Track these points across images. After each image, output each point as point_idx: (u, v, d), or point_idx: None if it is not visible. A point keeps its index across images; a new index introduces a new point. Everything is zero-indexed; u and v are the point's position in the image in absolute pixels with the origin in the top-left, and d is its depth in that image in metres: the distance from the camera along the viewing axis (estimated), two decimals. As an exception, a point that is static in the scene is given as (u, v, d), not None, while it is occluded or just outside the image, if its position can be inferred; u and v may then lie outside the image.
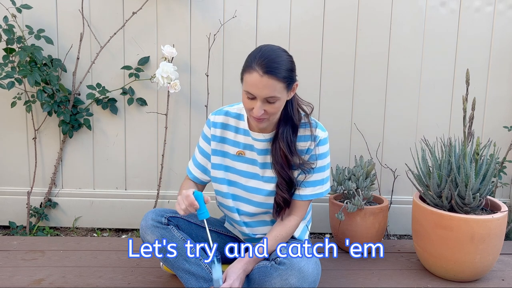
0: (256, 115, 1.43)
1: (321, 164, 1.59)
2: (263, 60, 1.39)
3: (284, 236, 1.57)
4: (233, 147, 1.62)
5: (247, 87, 1.42)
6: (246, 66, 1.44)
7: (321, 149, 1.58)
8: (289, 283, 1.40)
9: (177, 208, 1.44)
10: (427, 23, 2.28)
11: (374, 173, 2.16)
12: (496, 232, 1.76)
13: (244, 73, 1.44)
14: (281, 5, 2.25)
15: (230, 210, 1.65)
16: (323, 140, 1.58)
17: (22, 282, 1.75)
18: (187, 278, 1.53)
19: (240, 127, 1.61)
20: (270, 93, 1.40)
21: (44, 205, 2.36)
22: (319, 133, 1.58)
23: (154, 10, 2.26)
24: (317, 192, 1.60)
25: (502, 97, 2.36)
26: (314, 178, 1.59)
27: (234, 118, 1.62)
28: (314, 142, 1.56)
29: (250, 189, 1.61)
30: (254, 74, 1.39)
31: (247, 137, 1.59)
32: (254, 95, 1.41)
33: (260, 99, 1.41)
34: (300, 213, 1.61)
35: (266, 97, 1.41)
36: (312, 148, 1.57)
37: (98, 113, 2.34)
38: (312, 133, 1.56)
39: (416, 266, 1.97)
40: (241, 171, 1.62)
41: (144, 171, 2.38)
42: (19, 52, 2.10)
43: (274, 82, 1.39)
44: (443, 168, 1.85)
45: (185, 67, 2.29)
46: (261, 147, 1.58)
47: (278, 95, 1.42)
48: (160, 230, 1.54)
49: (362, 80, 2.32)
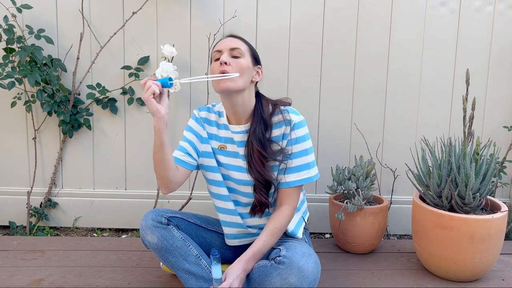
0: (223, 59, 1.50)
1: (301, 148, 1.57)
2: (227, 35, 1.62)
3: (279, 228, 1.56)
4: (216, 141, 1.65)
5: (214, 49, 1.57)
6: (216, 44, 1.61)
7: (297, 133, 1.57)
8: (288, 282, 1.40)
9: (148, 95, 1.45)
10: (427, 23, 2.28)
11: (374, 173, 2.16)
12: (496, 232, 1.76)
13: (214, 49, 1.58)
14: (281, 5, 2.26)
15: (224, 200, 1.65)
16: (297, 123, 1.57)
17: (22, 282, 1.75)
18: (187, 278, 1.53)
19: (220, 123, 1.65)
20: (234, 44, 1.55)
21: (44, 205, 2.36)
22: (293, 117, 1.58)
23: (154, 10, 2.26)
24: (304, 177, 1.58)
25: (502, 97, 2.36)
26: (297, 163, 1.57)
27: (215, 115, 1.67)
28: (288, 126, 1.56)
29: (239, 182, 1.62)
30: (220, 41, 1.59)
31: (227, 131, 1.63)
32: (221, 49, 1.54)
33: (226, 51, 1.53)
34: (291, 201, 1.59)
35: (231, 47, 1.53)
36: (287, 133, 1.56)
37: (98, 113, 2.34)
38: (285, 118, 1.57)
39: (416, 266, 1.97)
40: (227, 164, 1.63)
41: (144, 171, 2.38)
42: (19, 52, 2.10)
43: (239, 41, 1.57)
44: (443, 168, 1.85)
45: (185, 67, 2.29)
46: (239, 139, 1.60)
47: (243, 49, 1.55)
48: (160, 230, 1.54)
49: (362, 80, 2.32)
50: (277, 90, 2.28)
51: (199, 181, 2.36)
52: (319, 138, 2.33)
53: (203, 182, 2.37)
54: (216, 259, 1.44)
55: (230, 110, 1.60)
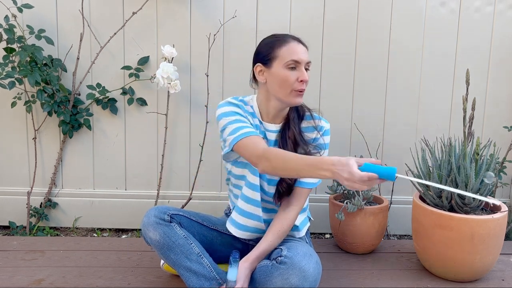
0: (306, 78, 1.50)
1: (325, 154, 1.65)
2: (290, 35, 1.56)
3: (286, 229, 1.59)
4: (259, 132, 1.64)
5: (290, 56, 1.50)
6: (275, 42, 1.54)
7: (325, 139, 1.65)
8: (290, 283, 1.40)
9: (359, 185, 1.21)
10: (427, 23, 2.28)
11: (374, 173, 2.16)
12: (496, 232, 1.76)
13: (276, 49, 1.52)
14: (281, 5, 2.26)
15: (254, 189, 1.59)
16: (327, 130, 1.66)
17: (22, 282, 1.75)
18: (188, 276, 1.53)
19: (254, 117, 1.64)
20: (308, 57, 1.54)
21: (44, 205, 2.36)
22: (323, 124, 1.66)
23: (154, 10, 2.26)
24: (316, 181, 1.65)
25: (502, 97, 2.36)
26: None
27: (248, 106, 1.65)
28: (320, 132, 1.63)
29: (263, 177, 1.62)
30: (292, 43, 1.53)
31: (262, 126, 1.63)
32: (300, 61, 1.51)
33: (303, 64, 1.52)
34: (300, 203, 1.62)
35: (307, 62, 1.53)
36: (318, 137, 1.64)
37: (98, 113, 2.34)
38: (317, 124, 1.64)
39: (416, 266, 1.97)
40: None
41: (144, 171, 2.38)
42: (19, 52, 2.10)
43: (306, 50, 1.56)
44: (443, 168, 1.85)
45: (185, 67, 2.29)
46: (272, 137, 1.62)
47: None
48: (162, 227, 1.53)
49: (362, 80, 2.32)
50: (277, 90, 2.28)
51: (199, 181, 2.36)
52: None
53: (203, 182, 2.38)
54: (236, 261, 1.47)
55: (271, 112, 1.60)
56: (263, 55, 1.56)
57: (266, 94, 1.59)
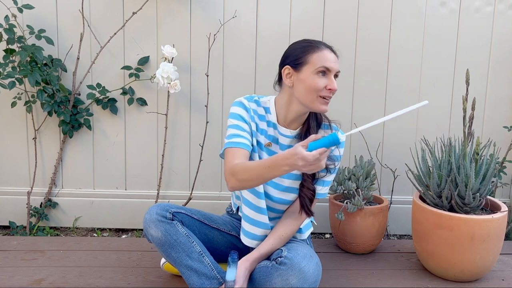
0: (334, 87, 1.50)
1: (338, 166, 1.65)
2: (323, 43, 1.55)
3: (289, 234, 1.58)
4: (265, 138, 1.61)
5: (321, 62, 1.49)
6: (308, 48, 1.52)
7: (341, 151, 1.64)
8: (289, 284, 1.40)
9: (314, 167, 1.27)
10: (427, 23, 2.28)
11: (374, 173, 2.16)
12: (496, 232, 1.76)
13: (308, 54, 1.51)
14: (281, 5, 2.26)
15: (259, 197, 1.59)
16: (343, 142, 1.62)
17: (22, 282, 1.75)
18: (189, 275, 1.53)
19: (269, 120, 1.61)
20: (338, 68, 1.53)
21: (44, 205, 2.36)
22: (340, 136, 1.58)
23: (154, 10, 2.26)
24: (326, 192, 1.66)
25: (502, 97, 2.36)
26: (330, 178, 1.63)
27: (263, 109, 1.62)
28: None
29: (271, 183, 1.62)
30: (325, 50, 1.52)
31: (275, 130, 1.61)
32: (330, 68, 1.50)
33: (333, 73, 1.51)
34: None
35: (337, 71, 1.52)
36: (333, 148, 1.61)
37: (98, 113, 2.34)
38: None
39: (416, 266, 1.97)
40: None
41: (144, 171, 2.38)
42: (19, 52, 2.10)
43: (337, 59, 1.54)
44: (443, 168, 1.85)
45: (185, 67, 2.29)
46: (286, 142, 1.61)
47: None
48: (164, 225, 1.53)
49: (362, 79, 2.32)
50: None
51: (199, 181, 2.36)
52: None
53: (203, 182, 2.38)
54: (235, 261, 1.46)
55: (290, 116, 1.58)
56: (294, 59, 1.53)
57: (289, 98, 1.56)
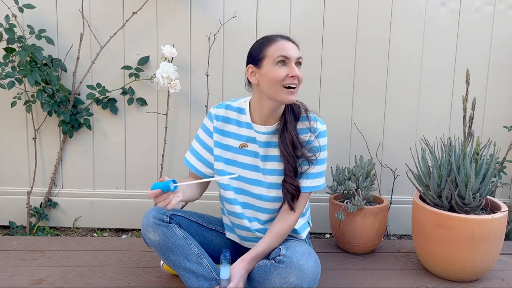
0: (296, 73, 1.49)
1: (322, 157, 1.61)
2: (279, 35, 1.55)
3: (285, 232, 1.58)
4: (236, 140, 1.62)
5: (278, 52, 1.49)
6: (265, 43, 1.53)
7: (321, 141, 1.60)
8: (288, 282, 1.40)
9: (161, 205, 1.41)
10: (427, 23, 2.28)
11: (374, 173, 2.16)
12: (496, 232, 1.76)
13: (266, 48, 1.52)
14: (281, 5, 2.26)
15: (230, 203, 1.64)
16: (322, 132, 1.61)
17: (22, 282, 1.75)
18: (188, 277, 1.53)
19: (242, 121, 1.62)
20: (299, 53, 1.52)
21: (44, 205, 2.36)
22: (319, 126, 1.60)
23: (154, 10, 2.26)
24: (316, 184, 1.61)
25: (502, 97, 2.36)
26: (315, 170, 1.60)
27: (235, 112, 1.63)
28: (314, 134, 1.59)
29: (252, 181, 1.62)
30: (281, 41, 1.51)
31: (250, 130, 1.61)
32: (289, 56, 1.49)
33: (293, 60, 1.50)
34: (299, 207, 1.60)
35: (297, 57, 1.51)
36: (312, 139, 1.59)
37: (98, 113, 2.34)
38: (312, 126, 1.59)
39: (416, 266, 1.97)
40: (244, 163, 1.62)
41: (144, 171, 2.38)
42: (19, 52, 2.10)
43: (297, 48, 1.54)
44: (443, 168, 1.85)
45: (185, 67, 2.29)
46: (264, 139, 1.59)
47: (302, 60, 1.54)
48: (162, 228, 1.53)
49: (362, 79, 2.32)
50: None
51: (199, 181, 2.36)
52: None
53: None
54: (226, 259, 1.46)
55: (264, 112, 1.57)
56: (254, 56, 1.54)
57: (259, 95, 1.56)
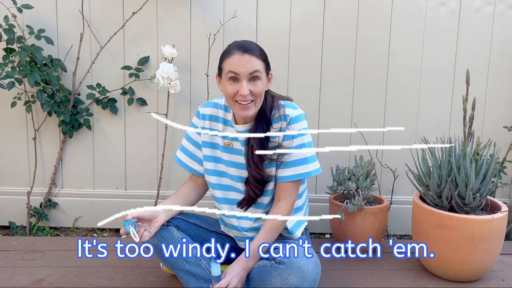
0: (243, 93, 1.45)
1: (298, 142, 1.55)
2: (239, 45, 1.49)
3: (278, 224, 1.56)
4: (222, 139, 1.63)
5: (228, 67, 1.47)
6: (224, 54, 1.51)
7: (294, 127, 1.55)
8: (289, 282, 1.40)
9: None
10: (427, 23, 2.28)
11: (374, 173, 2.16)
12: (496, 232, 1.76)
13: (223, 61, 1.50)
14: (281, 5, 2.26)
15: (219, 202, 1.66)
16: (294, 118, 1.55)
17: (22, 282, 1.75)
18: (187, 279, 1.53)
19: (227, 119, 1.63)
20: (252, 67, 1.46)
21: (44, 205, 2.36)
22: (289, 112, 1.56)
23: (154, 10, 2.26)
24: (301, 172, 1.56)
25: (502, 97, 2.36)
26: (293, 157, 1.56)
27: (222, 110, 1.64)
28: (284, 121, 1.55)
29: (236, 178, 1.62)
30: (235, 55, 1.46)
31: (233, 129, 1.61)
32: (238, 73, 1.46)
33: (245, 77, 1.46)
34: (289, 196, 1.58)
35: (250, 72, 1.46)
36: (284, 128, 1.55)
37: (98, 113, 2.34)
38: (281, 113, 1.56)
39: (416, 266, 1.97)
40: (229, 161, 1.63)
41: (144, 171, 2.38)
42: (19, 52, 2.10)
43: (254, 59, 1.47)
44: (443, 168, 1.85)
45: (185, 67, 2.29)
46: (243, 138, 1.59)
47: (260, 71, 1.48)
48: (160, 231, 1.54)
49: (362, 80, 2.32)
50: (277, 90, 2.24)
51: (199, 181, 2.36)
52: (319, 138, 2.33)
53: (203, 182, 2.38)
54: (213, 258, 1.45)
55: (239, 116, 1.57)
56: (218, 67, 1.55)
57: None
